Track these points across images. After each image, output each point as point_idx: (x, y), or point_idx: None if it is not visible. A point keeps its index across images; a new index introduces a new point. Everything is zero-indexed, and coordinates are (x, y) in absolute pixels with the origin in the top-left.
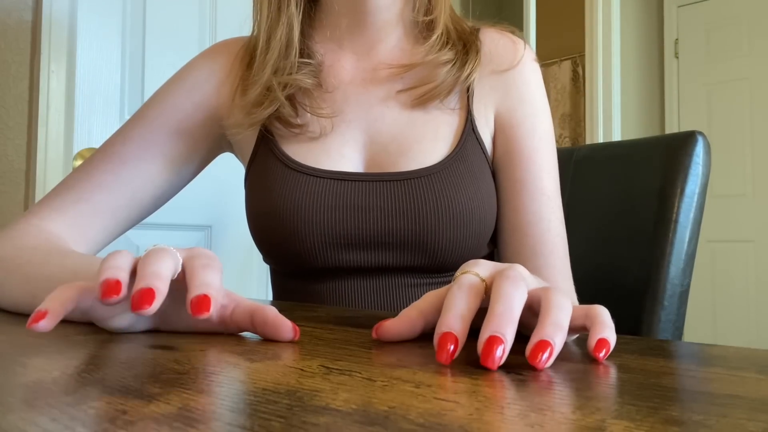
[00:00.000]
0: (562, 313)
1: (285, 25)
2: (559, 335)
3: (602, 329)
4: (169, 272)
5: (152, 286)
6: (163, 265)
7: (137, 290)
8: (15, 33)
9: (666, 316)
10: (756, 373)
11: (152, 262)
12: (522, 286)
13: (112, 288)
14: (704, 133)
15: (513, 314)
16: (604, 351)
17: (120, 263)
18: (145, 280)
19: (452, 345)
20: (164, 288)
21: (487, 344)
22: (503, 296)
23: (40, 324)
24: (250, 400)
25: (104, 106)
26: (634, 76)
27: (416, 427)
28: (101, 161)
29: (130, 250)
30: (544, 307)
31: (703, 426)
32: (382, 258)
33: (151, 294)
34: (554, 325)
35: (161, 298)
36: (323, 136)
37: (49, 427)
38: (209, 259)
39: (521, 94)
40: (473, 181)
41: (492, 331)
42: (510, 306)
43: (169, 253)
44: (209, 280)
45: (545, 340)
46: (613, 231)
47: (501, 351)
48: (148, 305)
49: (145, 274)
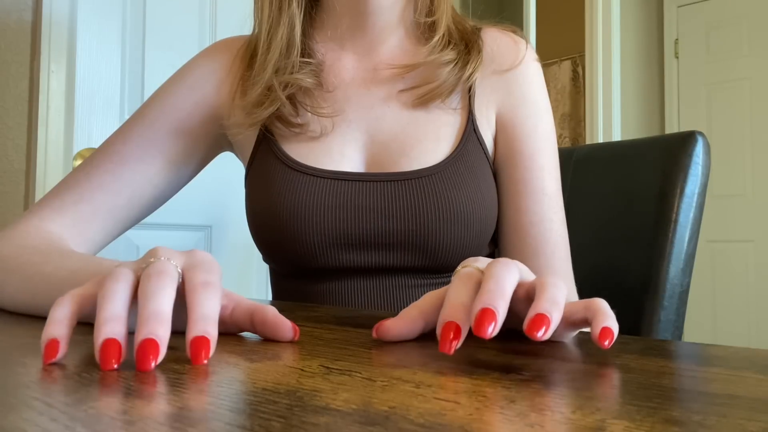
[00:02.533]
0: (557, 290)
1: (286, 25)
2: (555, 310)
3: (604, 319)
4: (170, 306)
5: (154, 335)
6: (164, 300)
7: (139, 342)
8: (15, 33)
9: (666, 316)
10: (756, 373)
11: (153, 298)
12: (513, 269)
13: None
14: (704, 133)
15: (504, 290)
16: (609, 339)
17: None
18: (147, 326)
19: (455, 335)
20: (166, 333)
21: (480, 315)
22: (494, 275)
23: (57, 357)
24: (250, 400)
25: (104, 106)
26: (634, 76)
27: (416, 427)
28: (101, 161)
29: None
30: (539, 288)
31: (702, 426)
32: (383, 258)
33: (155, 346)
34: (550, 301)
35: (164, 347)
36: (324, 135)
37: (49, 427)
38: (209, 272)
39: (523, 94)
40: (474, 182)
41: (483, 304)
42: (501, 284)
43: (169, 276)
44: (209, 310)
45: (542, 313)
46: (613, 231)
47: (493, 322)
48: (155, 359)
49: (147, 316)
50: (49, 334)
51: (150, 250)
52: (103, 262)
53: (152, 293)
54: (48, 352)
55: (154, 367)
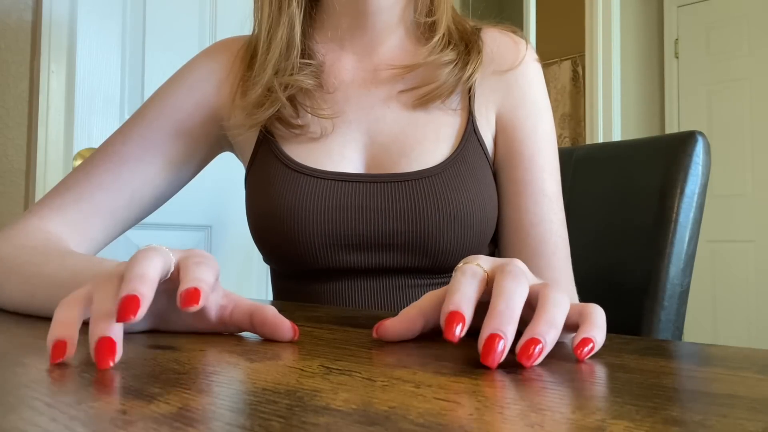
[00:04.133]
0: (557, 309)
1: (286, 25)
2: (551, 333)
3: (590, 328)
4: (156, 272)
5: (136, 292)
6: (150, 265)
7: (120, 298)
8: (15, 33)
9: (666, 316)
10: (756, 373)
11: (138, 263)
12: (523, 282)
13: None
14: (704, 133)
15: (514, 312)
16: (587, 349)
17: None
18: (130, 284)
19: (460, 323)
20: (149, 292)
21: (488, 342)
22: (504, 292)
23: (65, 357)
24: (250, 400)
25: (104, 106)
26: (634, 76)
27: (416, 427)
28: (101, 161)
29: (130, 251)
30: (541, 304)
31: (703, 426)
32: (383, 259)
33: (136, 301)
34: (547, 323)
35: (147, 303)
36: (324, 136)
37: (49, 427)
38: (204, 258)
39: (523, 95)
40: (474, 182)
41: (492, 329)
42: (511, 304)
43: (159, 252)
44: (200, 275)
45: (535, 337)
46: (613, 231)
47: (501, 348)
48: (134, 315)
49: (130, 277)
50: (56, 336)
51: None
52: (104, 263)
53: (138, 261)
54: (55, 353)
55: (134, 321)
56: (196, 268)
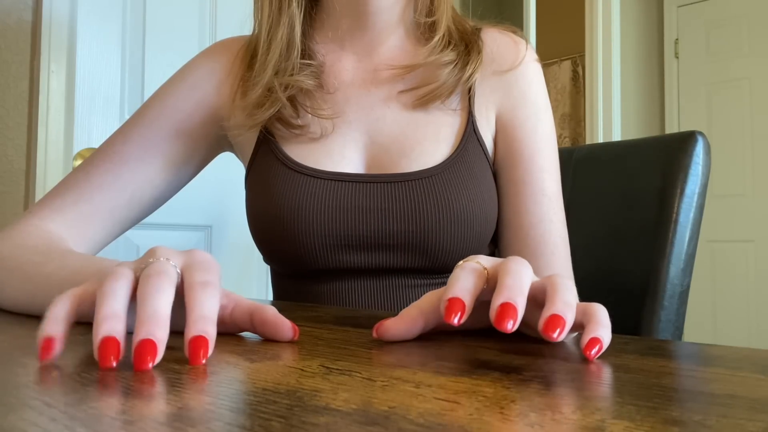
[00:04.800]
0: (569, 293)
1: (286, 26)
2: (569, 312)
3: (596, 328)
4: (168, 308)
5: (152, 336)
6: (162, 298)
7: (136, 343)
8: (15, 33)
9: (666, 316)
10: (756, 373)
11: (151, 298)
12: (528, 266)
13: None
14: (704, 133)
15: (523, 286)
16: (596, 350)
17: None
18: (144, 327)
19: (459, 309)
20: (164, 334)
21: (501, 309)
22: (511, 271)
23: (52, 354)
24: (250, 400)
25: (104, 106)
26: (634, 76)
27: (416, 427)
28: (101, 161)
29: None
30: (551, 289)
31: (703, 426)
32: (383, 259)
33: (152, 346)
34: (564, 302)
35: (163, 347)
36: (324, 137)
37: (49, 427)
38: (208, 272)
39: (523, 95)
40: (474, 183)
41: (505, 298)
42: (519, 280)
43: (168, 277)
44: (207, 310)
45: (557, 314)
46: (613, 231)
47: (513, 317)
48: (152, 360)
49: (144, 318)
50: (44, 332)
51: (149, 250)
52: (104, 262)
53: (151, 294)
54: (43, 350)
55: (152, 368)
56: (201, 297)
